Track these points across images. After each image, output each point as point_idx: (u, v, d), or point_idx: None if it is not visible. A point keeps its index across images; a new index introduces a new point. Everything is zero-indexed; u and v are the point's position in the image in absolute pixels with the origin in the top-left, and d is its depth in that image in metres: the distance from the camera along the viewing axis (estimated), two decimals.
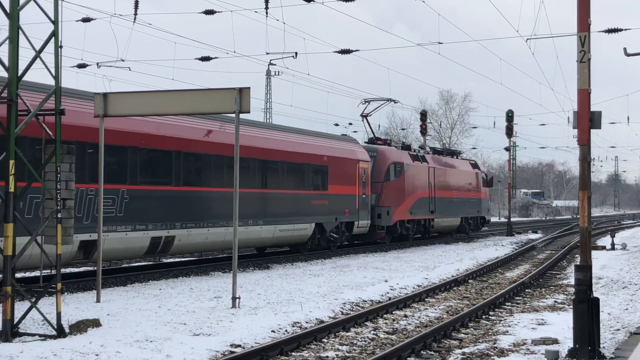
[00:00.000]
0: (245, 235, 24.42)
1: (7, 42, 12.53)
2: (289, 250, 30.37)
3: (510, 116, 51.11)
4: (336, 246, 31.42)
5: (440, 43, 31.22)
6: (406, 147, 40.03)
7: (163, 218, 21.21)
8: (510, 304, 18.43)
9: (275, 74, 74.76)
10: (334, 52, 29.86)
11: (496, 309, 17.38)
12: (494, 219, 75.25)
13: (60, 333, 12.49)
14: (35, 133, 14.33)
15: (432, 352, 12.63)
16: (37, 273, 18.20)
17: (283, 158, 26.97)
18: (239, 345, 12.29)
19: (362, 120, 37.99)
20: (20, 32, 12.56)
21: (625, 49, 16.91)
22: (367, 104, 38.42)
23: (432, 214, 39.39)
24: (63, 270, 18.00)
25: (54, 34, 12.82)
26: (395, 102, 39.25)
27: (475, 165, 47.96)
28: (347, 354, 12.25)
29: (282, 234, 26.97)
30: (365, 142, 38.01)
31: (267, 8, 24.12)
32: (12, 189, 12.32)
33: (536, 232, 53.87)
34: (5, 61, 12.60)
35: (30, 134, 15.26)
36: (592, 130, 12.06)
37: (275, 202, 26.39)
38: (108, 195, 19.03)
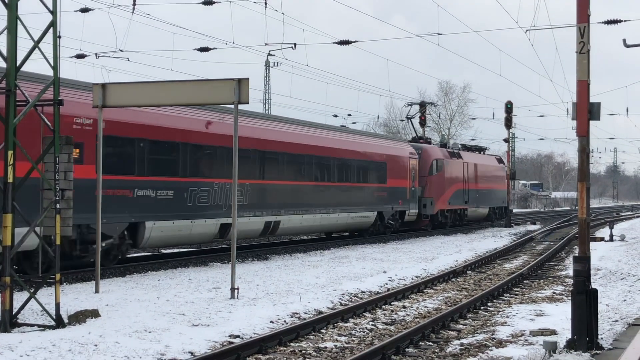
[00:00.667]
0: (327, 221, 30.32)
1: (5, 32, 12.50)
2: (355, 235, 35.32)
3: (509, 107, 51.08)
4: (391, 231, 36.22)
5: (439, 34, 31.17)
6: (443, 144, 45.81)
7: (273, 207, 26.28)
8: (508, 295, 18.46)
9: (274, 65, 74.57)
10: (333, 42, 29.83)
11: (494, 300, 17.41)
12: None
13: (59, 323, 12.51)
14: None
15: (431, 343, 12.65)
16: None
17: (356, 157, 32.35)
18: (238, 336, 12.31)
19: (407, 122, 43.40)
20: (18, 22, 12.52)
21: (624, 40, 16.88)
22: (410, 107, 44.23)
23: (466, 204, 44.18)
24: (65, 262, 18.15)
25: (53, 24, 12.79)
26: (435, 106, 46.54)
27: (500, 160, 53.14)
28: (345, 345, 12.27)
29: (354, 220, 32.51)
30: (409, 141, 42.54)
31: None
32: (10, 180, 12.32)
33: (535, 224, 53.88)
34: (4, 51, 12.58)
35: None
36: (591, 122, 12.06)
37: (349, 194, 31.73)
38: (240, 188, 23.54)
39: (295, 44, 29.03)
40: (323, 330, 13.34)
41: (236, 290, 16.07)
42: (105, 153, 18.44)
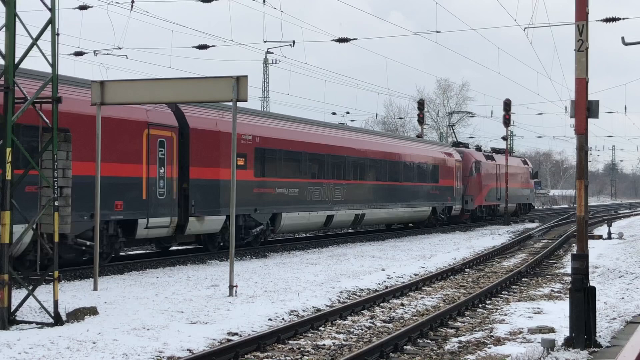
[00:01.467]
0: (394, 214, 36.89)
1: (3, 29, 12.49)
2: (411, 227, 41.63)
3: (507, 105, 51.08)
4: (440, 224, 42.20)
5: (438, 32, 31.21)
6: (478, 148, 52.71)
7: (361, 202, 32.71)
8: (506, 292, 18.47)
9: (272, 63, 74.53)
10: (332, 40, 29.87)
11: (493, 298, 17.42)
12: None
13: (58, 321, 12.51)
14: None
15: (429, 341, 12.65)
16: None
17: (419, 161, 39.29)
18: (236, 334, 12.31)
19: (450, 129, 50.35)
20: (16, 19, 12.51)
21: (623, 38, 16.89)
22: (451, 115, 54.94)
23: (497, 201, 50.80)
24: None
25: (51, 21, 12.78)
26: (472, 115, 60.37)
27: (525, 162, 60.83)
28: (344, 342, 12.27)
29: (416, 213, 39.34)
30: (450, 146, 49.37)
31: None
32: (9, 177, 12.31)
33: (533, 221, 53.90)
34: (2, 49, 12.56)
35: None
36: (589, 120, 12.07)
37: (413, 192, 38.38)
38: (338, 187, 30.70)
39: (293, 42, 29.08)
40: (321, 328, 13.34)
41: (234, 288, 16.07)
42: (261, 160, 25.76)
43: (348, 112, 66.16)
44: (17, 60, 12.64)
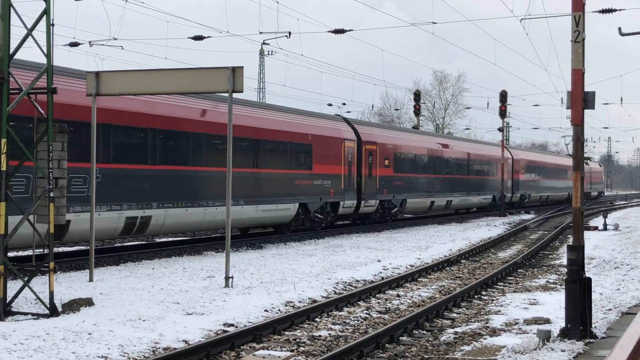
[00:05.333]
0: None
1: None
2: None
3: (503, 97, 51.04)
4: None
5: (434, 23, 31.14)
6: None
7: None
8: (502, 284, 18.50)
9: (268, 54, 74.39)
10: (328, 31, 29.80)
11: (488, 289, 17.44)
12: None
13: (53, 312, 12.50)
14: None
15: (425, 332, 12.67)
16: (29, 252, 18.19)
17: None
18: (232, 325, 12.31)
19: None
20: (11, 9, 12.46)
21: (620, 29, 16.88)
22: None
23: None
24: (60, 249, 18.18)
25: (46, 12, 12.73)
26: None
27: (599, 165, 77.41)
28: (339, 333, 12.28)
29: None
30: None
31: None
32: (4, 168, 12.28)
33: (529, 213, 53.98)
34: None
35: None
36: (585, 111, 12.05)
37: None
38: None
39: (289, 33, 28.96)
40: (317, 319, 13.35)
41: (230, 279, 16.07)
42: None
43: (344, 104, 66.06)
44: (11, 50, 12.59)
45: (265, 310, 13.56)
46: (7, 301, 12.53)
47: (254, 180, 25.58)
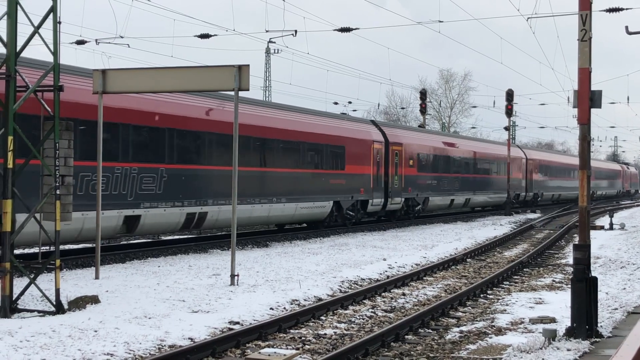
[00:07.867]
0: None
1: (5, 17, 12.46)
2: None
3: (510, 95, 50.99)
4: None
5: (440, 22, 31.11)
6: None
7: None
8: (508, 283, 18.47)
9: (274, 52, 74.39)
10: (334, 30, 29.79)
11: (494, 288, 17.43)
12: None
13: (59, 309, 12.52)
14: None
15: (430, 330, 12.66)
16: (36, 249, 18.24)
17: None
18: (238, 323, 12.32)
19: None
20: (18, 7, 12.48)
21: (627, 27, 16.84)
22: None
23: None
24: (67, 247, 18.25)
25: (53, 9, 12.75)
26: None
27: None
28: (345, 332, 12.28)
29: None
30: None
31: None
32: (10, 165, 12.30)
33: (535, 212, 53.90)
34: (4, 37, 12.54)
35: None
36: (592, 110, 12.03)
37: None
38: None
39: (296, 31, 28.97)
40: (322, 317, 13.35)
41: (236, 277, 16.09)
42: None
43: (350, 102, 66.17)
44: (18, 48, 12.61)
45: (271, 309, 13.57)
46: (14, 298, 12.56)
47: (294, 180, 27.26)
